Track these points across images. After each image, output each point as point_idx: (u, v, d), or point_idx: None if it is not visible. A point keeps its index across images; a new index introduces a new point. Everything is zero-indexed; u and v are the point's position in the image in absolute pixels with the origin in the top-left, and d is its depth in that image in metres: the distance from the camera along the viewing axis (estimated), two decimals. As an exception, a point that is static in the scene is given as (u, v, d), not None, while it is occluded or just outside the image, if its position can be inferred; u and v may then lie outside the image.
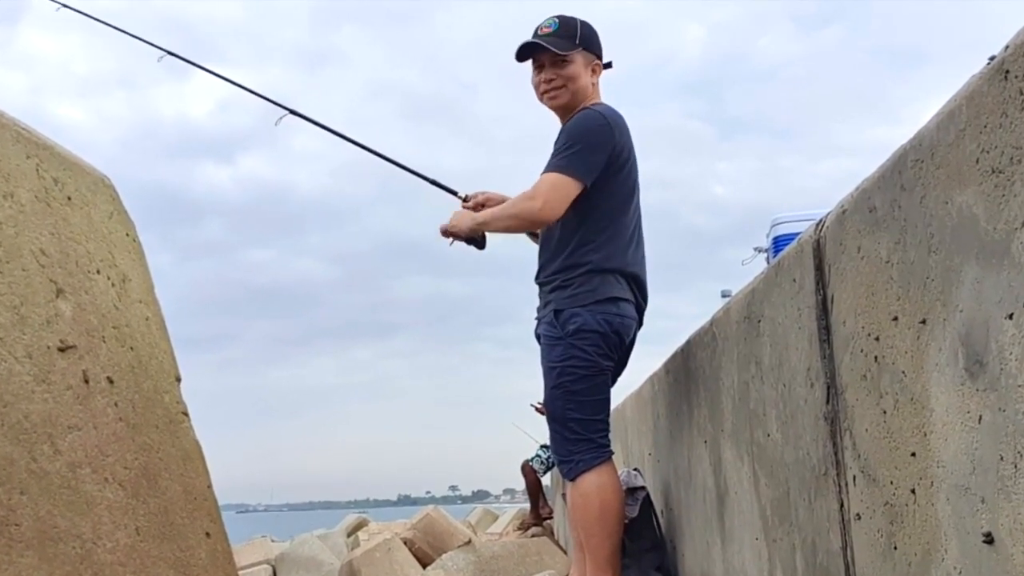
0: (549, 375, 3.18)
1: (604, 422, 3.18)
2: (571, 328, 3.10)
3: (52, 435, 2.22)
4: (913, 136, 1.22)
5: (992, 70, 1.01)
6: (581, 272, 3.14)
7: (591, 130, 3.12)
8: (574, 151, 3.07)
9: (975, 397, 1.07)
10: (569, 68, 3.24)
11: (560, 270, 3.18)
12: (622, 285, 3.18)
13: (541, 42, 3.22)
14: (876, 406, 1.38)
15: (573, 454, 3.13)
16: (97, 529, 2.31)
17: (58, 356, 2.33)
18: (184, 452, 2.96)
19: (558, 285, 3.18)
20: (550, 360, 3.17)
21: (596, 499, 3.09)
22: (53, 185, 2.53)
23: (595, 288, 3.13)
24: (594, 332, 3.09)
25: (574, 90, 3.25)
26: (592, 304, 3.11)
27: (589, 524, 3.11)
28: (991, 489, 1.04)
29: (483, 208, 3.45)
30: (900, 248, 1.26)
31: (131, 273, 2.92)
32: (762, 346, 2.01)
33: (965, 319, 1.09)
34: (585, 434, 3.12)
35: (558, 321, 3.14)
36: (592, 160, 3.08)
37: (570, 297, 3.14)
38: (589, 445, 3.12)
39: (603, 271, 3.15)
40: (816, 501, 1.71)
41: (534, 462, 10.65)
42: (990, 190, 1.01)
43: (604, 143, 3.11)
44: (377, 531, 12.52)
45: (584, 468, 3.11)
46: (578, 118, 3.16)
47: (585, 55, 3.25)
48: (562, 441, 3.17)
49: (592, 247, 3.14)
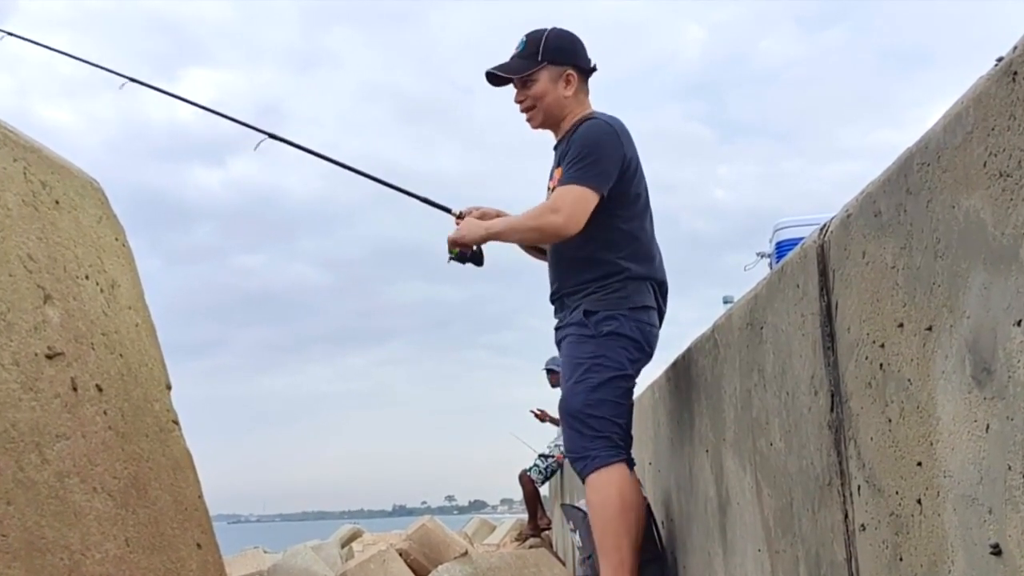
0: (574, 370, 3.16)
1: (623, 428, 3.15)
2: (605, 330, 3.11)
3: (40, 444, 2.21)
4: (919, 139, 1.22)
5: (1000, 71, 1.01)
6: (617, 279, 3.16)
7: (601, 141, 3.15)
8: (589, 162, 3.10)
9: (982, 405, 1.07)
10: (535, 87, 3.30)
11: (593, 279, 3.19)
12: (651, 293, 3.22)
13: (494, 71, 3.30)
14: (881, 414, 1.38)
15: (588, 450, 3.11)
16: (86, 540, 2.31)
17: (46, 363, 2.33)
18: (175, 461, 2.95)
19: (591, 291, 3.19)
20: (577, 356, 3.16)
21: (615, 492, 3.05)
22: (41, 189, 2.53)
23: (629, 295, 3.16)
24: (627, 338, 3.12)
25: (545, 108, 3.31)
26: (627, 311, 3.14)
27: (605, 521, 3.06)
28: (999, 499, 1.04)
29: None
30: (906, 253, 1.26)
31: (120, 279, 2.92)
32: (765, 353, 2.01)
33: (972, 326, 1.08)
34: (603, 432, 3.10)
35: (590, 321, 3.14)
36: (607, 170, 3.11)
37: (604, 300, 3.15)
38: (606, 443, 3.10)
39: (638, 278, 3.18)
40: (820, 512, 1.70)
41: (532, 472, 10.65)
42: (998, 194, 1.01)
43: (615, 152, 3.15)
44: (372, 542, 12.51)
45: (600, 464, 3.08)
46: (586, 129, 3.20)
47: (552, 69, 3.29)
48: (577, 437, 3.15)
49: (623, 255, 3.18)
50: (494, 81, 3.34)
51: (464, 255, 3.35)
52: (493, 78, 3.33)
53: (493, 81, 3.34)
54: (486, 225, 3.28)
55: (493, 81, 3.34)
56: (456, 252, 3.36)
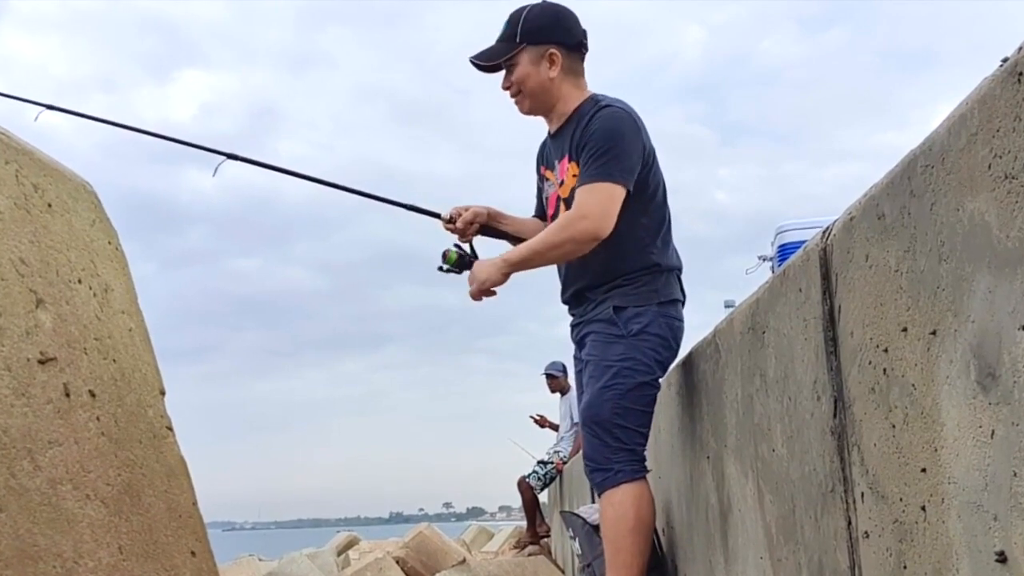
0: (603, 374, 3.04)
1: (645, 437, 3.08)
2: (635, 328, 3.02)
3: (32, 450, 2.21)
4: (923, 141, 1.22)
5: (1005, 72, 1.01)
6: (645, 272, 3.07)
7: (623, 131, 3.00)
8: (612, 156, 2.95)
9: (987, 411, 1.07)
10: (516, 72, 3.14)
11: (621, 274, 3.08)
12: (678, 285, 3.15)
13: (474, 59, 3.16)
14: (885, 420, 1.38)
15: (612, 463, 3.02)
16: (79, 548, 2.30)
17: (38, 369, 2.33)
18: (168, 468, 2.95)
19: (617, 285, 3.08)
20: (607, 358, 3.04)
21: (632, 511, 2.99)
22: (33, 192, 2.53)
23: (659, 288, 3.07)
24: (657, 336, 3.03)
25: (530, 92, 3.15)
26: (657, 305, 3.05)
27: (620, 537, 3.00)
28: (1004, 506, 1.04)
29: (472, 226, 3.31)
30: (910, 256, 1.26)
31: (114, 283, 2.92)
32: (767, 358, 2.01)
33: (977, 330, 1.08)
34: (629, 444, 3.02)
35: (619, 319, 3.04)
36: (632, 163, 2.98)
37: (634, 295, 3.05)
38: (631, 456, 3.03)
39: (666, 270, 3.10)
40: (823, 519, 1.70)
41: (531, 478, 10.64)
42: (1003, 196, 1.01)
43: (636, 142, 3.01)
44: (368, 550, 12.50)
45: (623, 479, 3.00)
46: (606, 120, 3.02)
47: (532, 50, 3.12)
48: (601, 447, 3.05)
49: (651, 248, 3.08)
50: (481, 68, 3.19)
51: (463, 262, 3.21)
52: (479, 66, 3.18)
53: (480, 68, 3.19)
54: (503, 260, 3.08)
55: (480, 68, 3.19)
56: (454, 259, 3.22)
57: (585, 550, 3.47)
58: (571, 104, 3.17)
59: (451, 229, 3.34)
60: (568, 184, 3.13)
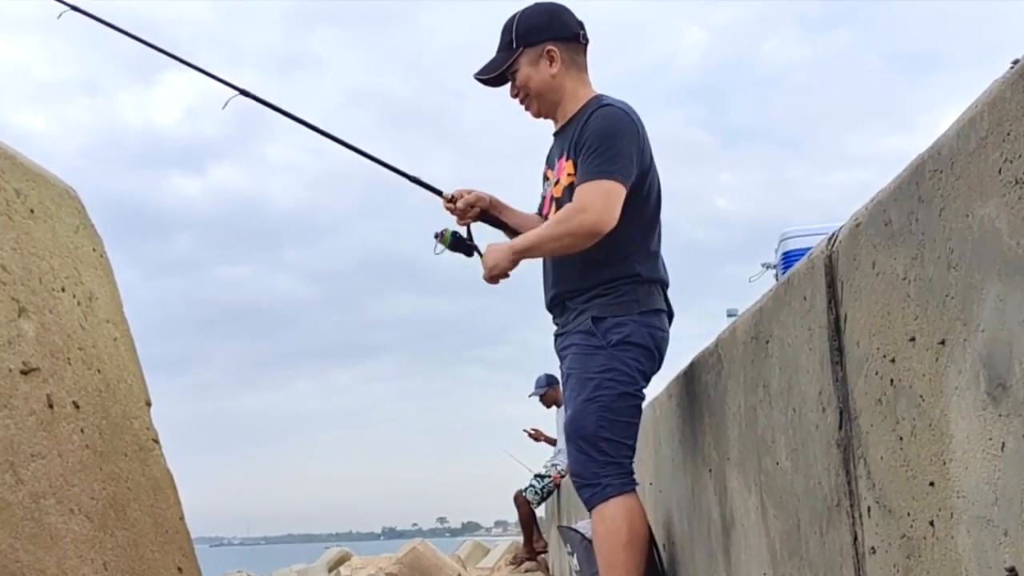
0: (584, 387, 3.05)
1: (632, 449, 3.09)
2: (614, 338, 3.02)
3: (14, 463, 2.20)
4: (931, 145, 1.22)
5: (1015, 74, 1.01)
6: (627, 282, 3.07)
7: (621, 130, 3.03)
8: (611, 154, 2.98)
9: (997, 423, 1.07)
10: (519, 76, 3.21)
11: (601, 282, 3.08)
12: (661, 295, 3.15)
13: (478, 76, 3.24)
14: (892, 432, 1.37)
15: (600, 477, 3.03)
16: (62, 564, 2.30)
17: (20, 379, 2.32)
18: (155, 481, 2.95)
19: (597, 294, 3.09)
20: (587, 371, 3.05)
21: (624, 525, 2.99)
22: (15, 197, 2.53)
23: (640, 298, 3.07)
24: (638, 346, 3.03)
25: (536, 94, 3.21)
26: (638, 315, 3.05)
27: (614, 553, 3.01)
28: (1015, 521, 1.03)
29: (472, 209, 3.36)
30: (918, 264, 1.26)
31: (98, 291, 2.91)
32: (770, 368, 2.01)
33: (987, 339, 1.08)
34: (615, 457, 3.03)
35: (599, 329, 3.04)
36: (629, 161, 3.00)
37: (614, 305, 3.06)
38: (618, 469, 3.03)
39: (648, 281, 3.10)
40: (828, 533, 1.70)
41: (528, 492, 10.62)
42: (1014, 202, 1.01)
43: (633, 142, 3.03)
44: (360, 566, 12.47)
45: (612, 493, 3.01)
46: (604, 117, 3.05)
47: (530, 52, 3.18)
48: (588, 462, 3.06)
49: (635, 257, 3.08)
50: (487, 83, 3.26)
51: (459, 245, 3.30)
52: (484, 80, 3.25)
53: (486, 83, 3.26)
54: (510, 246, 3.17)
55: (486, 83, 3.26)
56: (449, 240, 3.30)
57: (583, 566, 3.46)
58: (577, 103, 3.20)
59: (450, 209, 3.39)
60: (563, 183, 3.16)
